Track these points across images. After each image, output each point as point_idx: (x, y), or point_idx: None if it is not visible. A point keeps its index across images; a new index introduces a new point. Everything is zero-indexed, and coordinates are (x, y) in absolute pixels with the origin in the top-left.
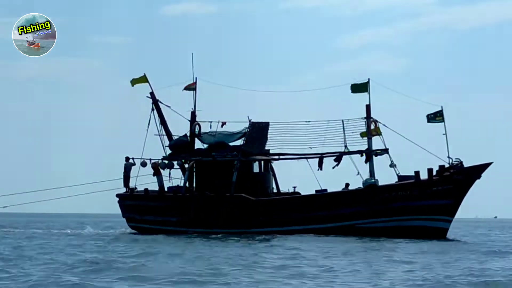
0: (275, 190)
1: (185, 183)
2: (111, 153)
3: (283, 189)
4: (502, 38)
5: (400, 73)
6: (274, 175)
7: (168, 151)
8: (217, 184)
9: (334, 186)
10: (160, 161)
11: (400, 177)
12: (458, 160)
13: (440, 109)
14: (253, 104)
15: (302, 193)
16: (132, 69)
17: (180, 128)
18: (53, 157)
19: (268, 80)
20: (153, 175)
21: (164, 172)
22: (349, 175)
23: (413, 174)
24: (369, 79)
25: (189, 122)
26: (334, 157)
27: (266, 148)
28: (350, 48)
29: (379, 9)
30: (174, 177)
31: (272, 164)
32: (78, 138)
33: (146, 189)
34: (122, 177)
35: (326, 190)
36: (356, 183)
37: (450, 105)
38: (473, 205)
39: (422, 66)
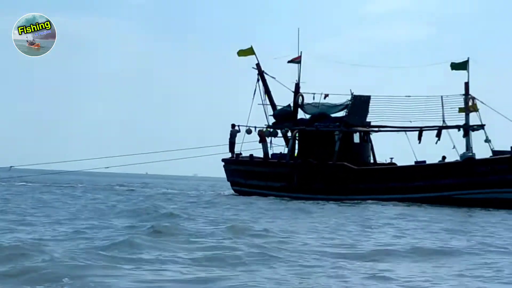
0: (371, 161)
1: (289, 151)
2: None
3: (379, 159)
4: None
5: (424, 40)
6: (371, 146)
7: (272, 120)
8: (319, 153)
9: (429, 158)
10: (265, 129)
11: (495, 152)
12: None
13: None
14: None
15: (398, 164)
16: (239, 42)
17: (283, 99)
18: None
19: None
20: (259, 142)
21: (268, 140)
22: (444, 148)
23: (507, 149)
24: (468, 58)
25: (292, 93)
26: (432, 131)
27: (367, 120)
28: (375, 15)
29: None
30: (276, 145)
31: (371, 136)
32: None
33: (251, 155)
34: (228, 143)
35: (424, 161)
36: (451, 157)
37: None
38: None
39: (447, 34)
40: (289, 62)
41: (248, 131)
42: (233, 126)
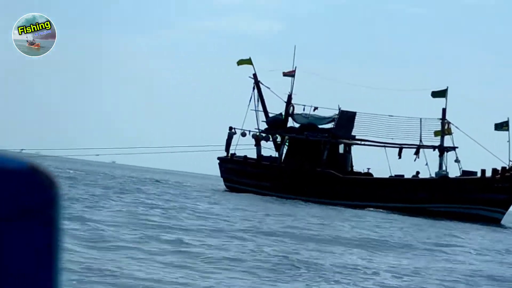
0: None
1: (280, 155)
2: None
3: (356, 169)
4: None
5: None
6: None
7: (262, 126)
8: (306, 159)
9: (403, 172)
10: (259, 134)
11: (464, 172)
12: None
13: (506, 119)
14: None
15: (374, 175)
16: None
17: (275, 108)
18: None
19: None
20: (255, 145)
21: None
22: (416, 165)
23: (474, 170)
24: (447, 87)
25: (285, 103)
26: (410, 149)
27: (352, 133)
28: (227, 6)
29: None
30: (264, 148)
31: (351, 147)
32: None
33: (245, 156)
34: (225, 143)
35: (403, 175)
36: (423, 173)
37: None
38: None
39: (297, 31)
40: (284, 75)
41: (243, 134)
42: (230, 128)
